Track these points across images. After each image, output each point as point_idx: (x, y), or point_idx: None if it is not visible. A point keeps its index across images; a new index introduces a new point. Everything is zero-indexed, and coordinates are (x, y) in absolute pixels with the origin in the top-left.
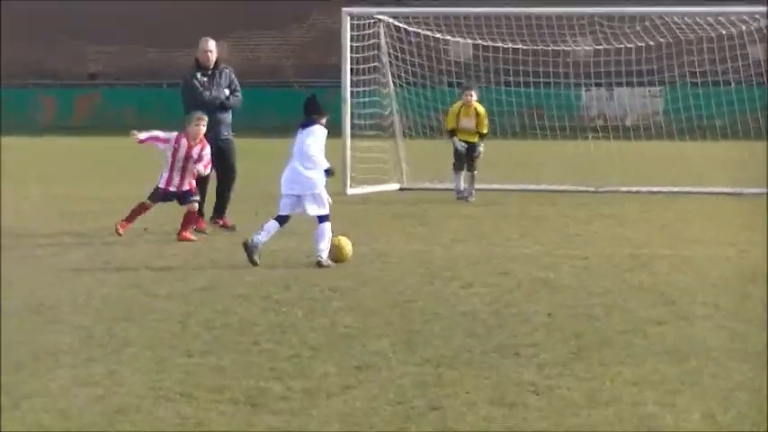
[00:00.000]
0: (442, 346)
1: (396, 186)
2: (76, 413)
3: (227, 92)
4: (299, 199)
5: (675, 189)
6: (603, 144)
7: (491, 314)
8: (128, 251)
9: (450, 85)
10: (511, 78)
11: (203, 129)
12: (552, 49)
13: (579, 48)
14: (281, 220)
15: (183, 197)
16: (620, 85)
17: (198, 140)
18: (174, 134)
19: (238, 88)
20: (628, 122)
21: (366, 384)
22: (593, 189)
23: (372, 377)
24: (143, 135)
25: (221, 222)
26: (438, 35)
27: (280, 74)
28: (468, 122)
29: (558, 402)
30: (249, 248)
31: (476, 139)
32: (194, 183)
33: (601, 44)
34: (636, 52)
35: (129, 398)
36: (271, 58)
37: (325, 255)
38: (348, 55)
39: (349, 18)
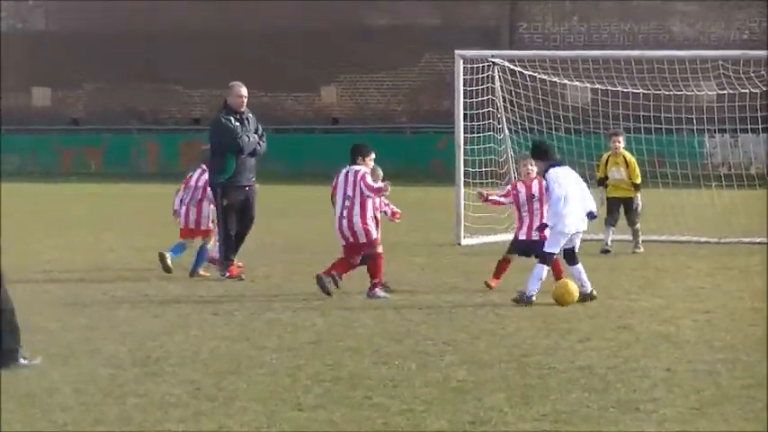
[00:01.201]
0: (559, 401)
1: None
2: None
3: (256, 137)
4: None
5: None
6: (727, 193)
7: (609, 369)
8: (236, 303)
9: (567, 131)
10: (631, 125)
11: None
12: (674, 94)
13: (702, 92)
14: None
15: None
16: (744, 131)
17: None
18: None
19: (264, 134)
20: (752, 171)
21: None
22: (716, 240)
23: None
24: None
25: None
26: (555, 79)
27: (390, 118)
28: (617, 172)
29: None
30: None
31: (630, 193)
32: None
33: (725, 89)
34: (761, 97)
35: None
36: (381, 102)
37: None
38: (461, 99)
39: (462, 61)
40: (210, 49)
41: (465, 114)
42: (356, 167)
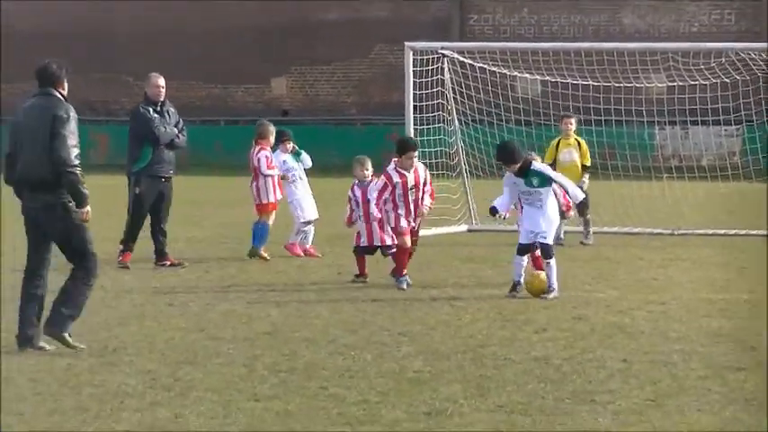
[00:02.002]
0: (515, 392)
1: (464, 228)
2: None
3: (175, 130)
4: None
5: (754, 232)
6: (678, 185)
7: (565, 360)
8: (191, 294)
9: (517, 122)
10: (581, 116)
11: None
12: (624, 86)
13: (653, 84)
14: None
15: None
16: (695, 123)
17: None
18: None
19: (184, 128)
20: (704, 162)
21: (436, 431)
22: (669, 231)
23: (443, 423)
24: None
25: (168, 262)
26: (505, 71)
27: (340, 110)
28: (568, 155)
29: None
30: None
31: (579, 176)
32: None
33: (675, 81)
34: (711, 89)
35: None
36: (331, 94)
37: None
38: (411, 91)
39: (412, 53)
40: (163, 43)
41: (415, 106)
42: None
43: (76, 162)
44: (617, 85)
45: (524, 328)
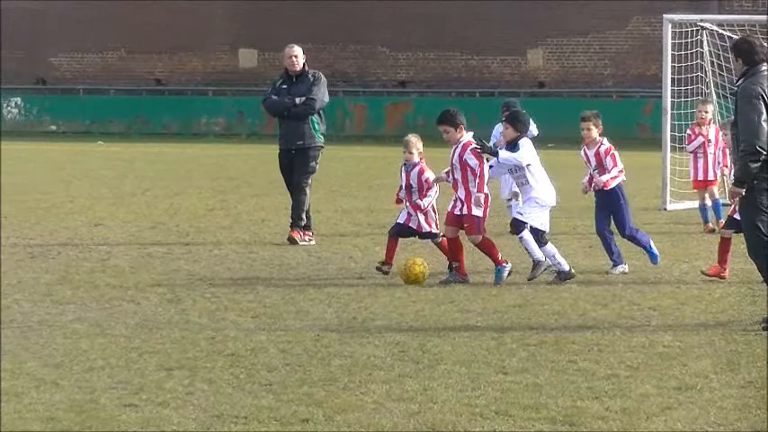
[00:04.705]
0: (766, 367)
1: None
2: (390, 429)
3: (298, 100)
4: None
5: None
6: None
7: None
8: (442, 266)
9: None
10: None
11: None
12: None
13: None
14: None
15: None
16: None
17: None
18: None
19: (312, 96)
20: None
21: (687, 405)
22: None
23: (693, 398)
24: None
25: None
26: (765, 44)
27: (596, 83)
28: None
29: None
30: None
31: None
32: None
33: None
34: None
35: (444, 415)
36: (587, 66)
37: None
38: (669, 63)
39: (670, 25)
40: (415, 11)
41: (672, 79)
42: None
43: None
44: None
45: None
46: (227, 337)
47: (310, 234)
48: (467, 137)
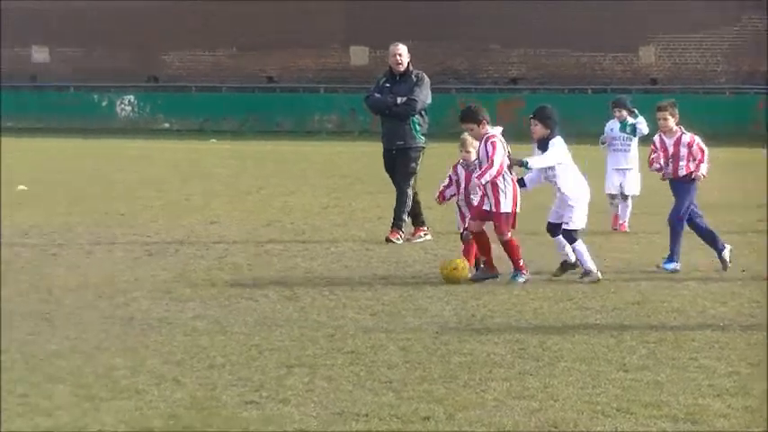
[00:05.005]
0: None
1: None
2: (511, 427)
3: (399, 100)
4: None
5: None
6: None
7: None
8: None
9: None
10: None
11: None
12: None
13: None
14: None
15: None
16: None
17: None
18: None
19: (414, 96)
20: None
21: None
22: None
23: None
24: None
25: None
26: None
27: (709, 79)
28: None
29: None
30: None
31: None
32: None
33: None
34: None
35: (565, 413)
36: (699, 62)
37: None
38: None
39: None
40: (527, 8)
41: None
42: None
43: None
44: None
45: None
46: (347, 335)
47: (425, 229)
48: (492, 131)
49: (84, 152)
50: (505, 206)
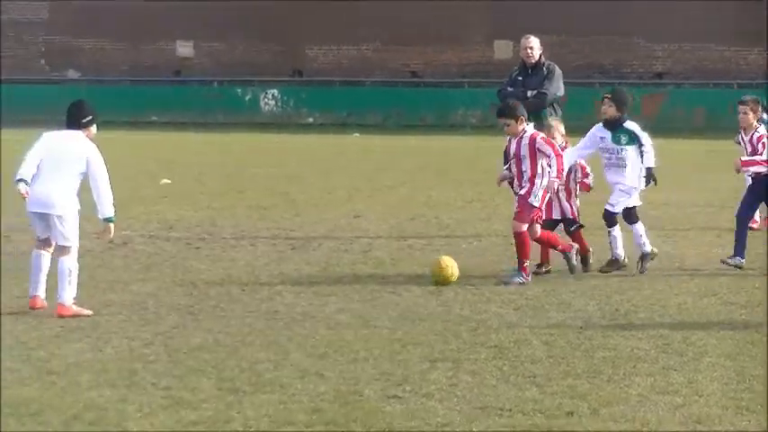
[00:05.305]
0: None
1: None
2: (655, 422)
3: (530, 93)
4: None
5: None
6: None
7: None
8: (701, 259)
9: None
10: None
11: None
12: None
13: None
14: None
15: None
16: None
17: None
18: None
19: (544, 89)
20: None
21: None
22: None
23: None
24: None
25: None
26: None
27: None
28: None
29: None
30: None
31: None
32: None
33: None
34: None
35: (710, 408)
36: None
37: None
38: None
39: None
40: (671, 3)
41: None
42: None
43: None
44: None
45: None
46: (490, 329)
47: None
48: (530, 128)
49: (227, 146)
50: (535, 199)
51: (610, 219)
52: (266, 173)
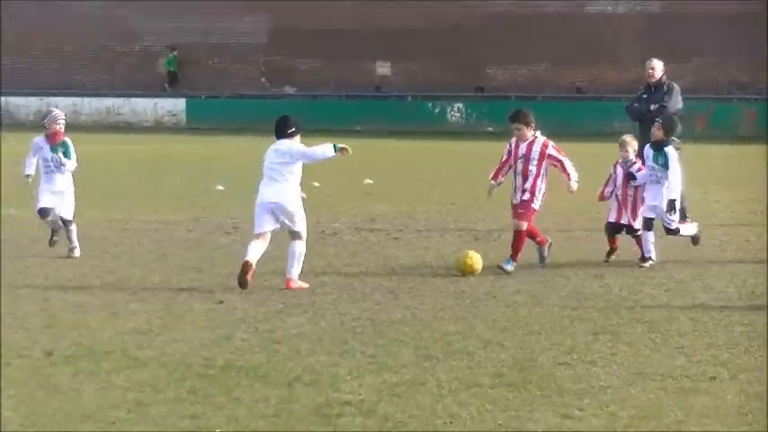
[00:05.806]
0: None
1: None
2: None
3: (653, 107)
4: None
5: None
6: None
7: None
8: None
9: None
10: None
11: None
12: None
13: None
14: None
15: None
16: None
17: None
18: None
19: (664, 103)
20: None
21: None
22: None
23: None
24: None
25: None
26: None
27: None
28: None
29: None
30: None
31: None
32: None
33: None
34: None
35: None
36: None
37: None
38: None
39: None
40: None
41: None
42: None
43: None
44: None
45: None
46: (644, 308)
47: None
48: (541, 135)
49: (419, 152)
50: (537, 204)
51: (647, 224)
52: (453, 174)
